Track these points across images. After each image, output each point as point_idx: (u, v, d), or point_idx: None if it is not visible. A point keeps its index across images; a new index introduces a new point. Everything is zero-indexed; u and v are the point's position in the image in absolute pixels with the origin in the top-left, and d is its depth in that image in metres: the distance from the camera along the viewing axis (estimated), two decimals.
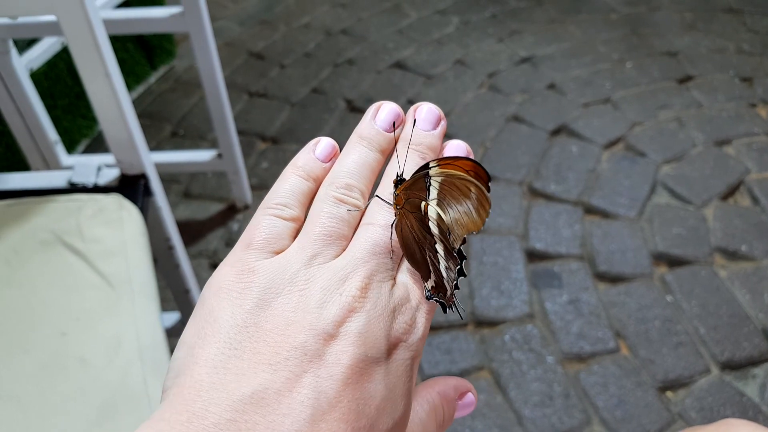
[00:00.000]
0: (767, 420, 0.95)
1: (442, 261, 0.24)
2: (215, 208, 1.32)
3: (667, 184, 1.33)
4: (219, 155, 1.20)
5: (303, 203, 0.24)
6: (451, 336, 1.06)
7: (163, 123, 1.55)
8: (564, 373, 1.01)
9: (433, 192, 0.24)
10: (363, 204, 0.24)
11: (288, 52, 1.78)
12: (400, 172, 0.24)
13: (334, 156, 0.25)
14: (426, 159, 0.25)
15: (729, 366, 1.01)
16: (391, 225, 0.24)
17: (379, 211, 0.24)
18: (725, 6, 1.95)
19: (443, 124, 0.26)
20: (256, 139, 1.49)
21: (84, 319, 0.51)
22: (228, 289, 0.21)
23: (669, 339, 1.05)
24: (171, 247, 0.77)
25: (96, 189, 0.66)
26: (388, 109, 0.26)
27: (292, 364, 0.19)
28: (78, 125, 1.43)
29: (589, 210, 1.27)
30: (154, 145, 1.48)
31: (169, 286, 0.84)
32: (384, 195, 0.24)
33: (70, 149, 1.40)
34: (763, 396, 0.98)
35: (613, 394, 0.98)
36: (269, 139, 1.49)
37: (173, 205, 1.32)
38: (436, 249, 0.24)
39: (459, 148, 0.26)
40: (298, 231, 0.23)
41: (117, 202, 0.62)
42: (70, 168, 0.83)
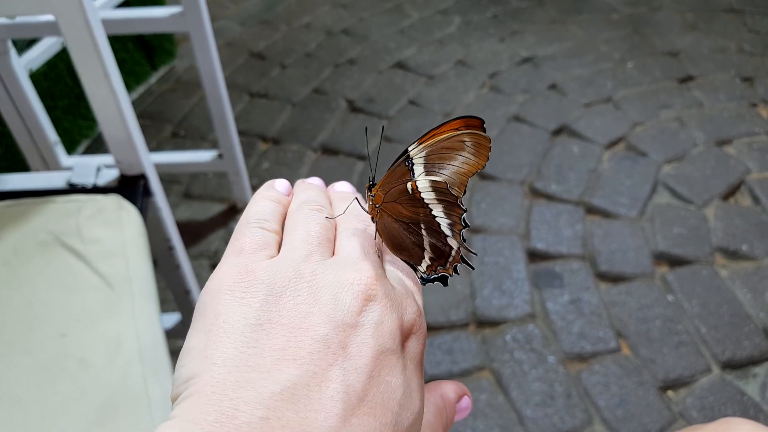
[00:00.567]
0: None
1: (443, 221, 0.24)
2: (216, 208, 1.32)
3: (668, 183, 1.32)
4: (220, 156, 1.20)
5: (279, 221, 0.25)
6: (453, 336, 1.06)
7: (164, 123, 1.55)
8: (565, 373, 1.00)
9: (419, 168, 0.25)
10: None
11: (289, 52, 1.78)
12: (371, 176, 0.26)
13: (291, 193, 0.27)
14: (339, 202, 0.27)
15: (730, 365, 1.01)
16: (374, 223, 0.25)
17: (354, 218, 0.25)
18: (726, 6, 1.95)
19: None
20: (257, 140, 1.49)
21: (84, 320, 0.50)
22: (230, 290, 0.20)
23: (670, 338, 1.05)
24: (171, 248, 0.77)
25: (95, 189, 0.66)
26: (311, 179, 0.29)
27: (316, 357, 0.18)
28: (78, 126, 1.43)
29: (591, 210, 1.27)
30: (154, 146, 1.48)
31: (170, 286, 0.84)
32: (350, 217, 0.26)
33: (70, 150, 1.40)
34: (764, 395, 0.97)
35: (615, 393, 0.98)
36: (270, 140, 1.49)
37: (174, 206, 1.32)
38: (433, 216, 0.24)
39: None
40: (280, 243, 0.23)
41: (116, 202, 0.61)
42: (69, 169, 0.83)
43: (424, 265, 0.26)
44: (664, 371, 1.00)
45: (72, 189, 0.66)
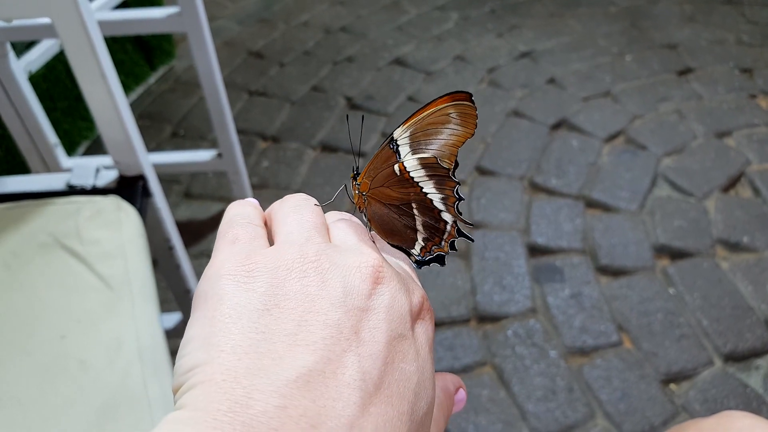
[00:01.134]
0: None
1: (435, 196, 0.24)
2: (216, 208, 1.32)
3: (668, 176, 1.32)
4: (219, 155, 1.20)
5: (263, 221, 0.24)
6: (454, 332, 1.06)
7: (163, 123, 1.55)
8: (567, 368, 1.01)
9: (405, 149, 0.24)
10: None
11: (287, 50, 1.78)
12: (355, 166, 0.25)
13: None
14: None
15: (732, 358, 1.01)
16: (362, 213, 0.25)
17: (339, 213, 0.24)
18: None
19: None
20: (256, 139, 1.49)
21: (84, 321, 0.51)
22: (232, 275, 0.19)
23: (672, 332, 1.05)
24: (171, 248, 0.77)
25: (94, 191, 0.66)
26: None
27: (329, 342, 0.17)
28: (78, 127, 1.43)
29: (591, 204, 1.27)
30: (154, 146, 1.48)
31: (170, 286, 0.85)
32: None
33: (70, 151, 1.40)
34: (767, 387, 0.97)
35: (617, 387, 0.98)
36: (269, 138, 1.49)
37: (174, 206, 1.32)
38: (425, 193, 0.24)
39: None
40: (268, 240, 0.22)
41: (115, 203, 0.62)
42: (69, 170, 0.84)
43: (417, 248, 0.25)
44: (666, 364, 1.00)
45: (71, 190, 0.66)
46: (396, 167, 0.24)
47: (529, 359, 1.02)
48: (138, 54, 1.61)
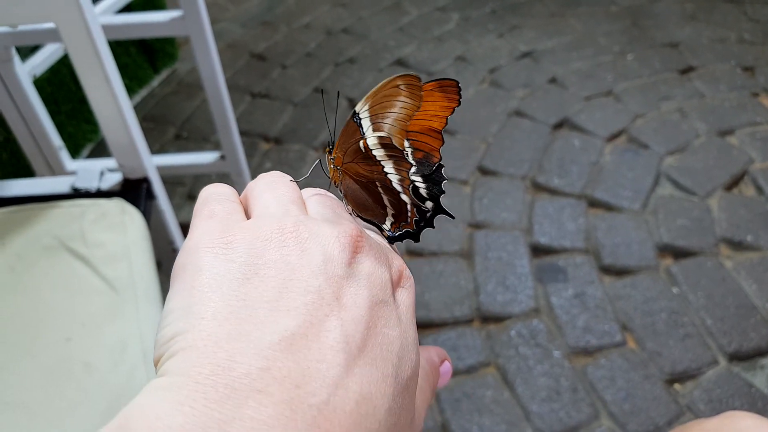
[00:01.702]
0: None
1: (394, 177, 0.25)
2: None
3: (671, 175, 1.32)
4: (222, 157, 1.20)
5: (238, 198, 0.23)
6: (457, 332, 1.06)
7: (167, 126, 1.55)
8: (571, 368, 1.01)
9: (366, 123, 0.25)
10: None
11: (289, 52, 1.79)
12: (330, 140, 0.26)
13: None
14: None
15: (737, 357, 1.01)
16: (336, 186, 0.25)
17: (314, 189, 0.25)
18: None
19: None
20: (259, 140, 1.49)
21: (88, 324, 0.51)
22: (210, 247, 0.19)
23: (676, 331, 1.05)
24: (175, 250, 0.78)
25: (99, 194, 0.67)
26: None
27: (311, 308, 0.17)
28: (82, 130, 1.44)
29: (593, 203, 1.27)
30: (157, 148, 1.48)
31: None
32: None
33: (74, 154, 1.40)
34: None
35: (621, 387, 0.98)
36: (272, 140, 1.49)
37: (178, 208, 1.33)
38: (385, 173, 0.25)
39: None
40: (245, 217, 0.22)
41: (119, 206, 0.62)
42: (73, 173, 0.84)
43: (388, 223, 0.26)
44: (670, 364, 1.00)
45: (76, 194, 0.67)
46: (361, 143, 0.25)
47: (533, 359, 1.02)
48: (141, 57, 1.61)
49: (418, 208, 0.25)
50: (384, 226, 0.25)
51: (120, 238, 0.58)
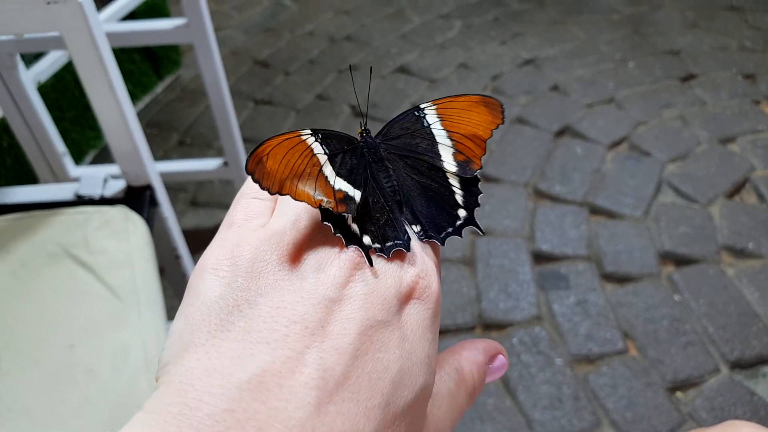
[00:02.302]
0: None
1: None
2: (222, 215, 1.33)
3: (673, 183, 1.32)
4: (225, 163, 1.20)
5: None
6: (459, 339, 1.06)
7: (170, 132, 1.56)
8: (573, 375, 1.01)
9: (432, 117, 0.25)
10: None
11: (292, 59, 1.80)
12: (364, 122, 0.26)
13: None
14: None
15: (739, 365, 1.01)
16: None
17: None
18: (727, 3, 1.95)
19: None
20: None
21: (91, 330, 0.51)
22: (214, 268, 0.19)
23: (678, 339, 1.05)
24: (178, 257, 0.78)
25: (102, 201, 0.67)
26: None
27: (292, 340, 0.17)
28: (86, 136, 1.44)
29: (595, 210, 1.27)
30: (161, 154, 1.49)
31: (177, 294, 0.85)
32: None
33: (78, 160, 1.41)
34: None
35: (623, 395, 0.98)
36: None
37: (181, 214, 1.33)
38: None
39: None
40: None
41: (123, 213, 0.62)
42: (77, 180, 0.85)
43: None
44: (672, 372, 1.00)
45: (80, 201, 0.67)
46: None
47: (535, 367, 1.02)
48: (145, 63, 1.62)
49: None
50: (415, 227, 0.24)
51: (123, 245, 0.58)
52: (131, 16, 1.38)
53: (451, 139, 0.25)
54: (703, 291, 1.11)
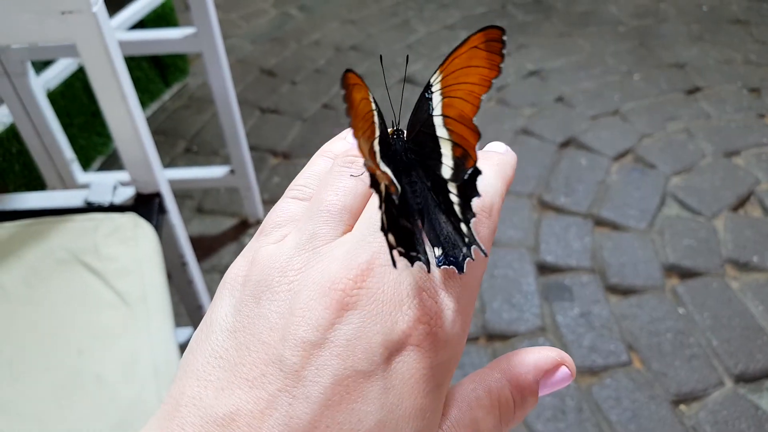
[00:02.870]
0: None
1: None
2: (228, 223, 1.34)
3: (677, 195, 1.33)
4: (231, 171, 1.21)
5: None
6: (463, 350, 1.06)
7: (177, 139, 1.57)
8: (576, 387, 1.00)
9: (437, 97, 0.21)
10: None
11: (299, 68, 1.81)
12: (396, 121, 0.22)
13: None
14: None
15: (743, 379, 1.01)
16: None
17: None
18: (732, 17, 1.95)
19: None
20: (267, 155, 1.50)
21: (100, 337, 0.52)
22: (230, 284, 0.19)
23: (682, 351, 1.04)
24: (184, 264, 0.78)
25: (112, 208, 0.68)
26: None
27: (268, 380, 0.16)
28: (93, 143, 1.45)
29: (600, 222, 1.28)
30: (168, 162, 1.50)
31: (183, 301, 0.86)
32: None
33: (85, 166, 1.42)
34: None
35: (627, 407, 0.97)
36: (281, 155, 1.50)
37: (186, 221, 1.34)
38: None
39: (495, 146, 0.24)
40: None
41: (132, 220, 0.63)
42: (86, 186, 0.85)
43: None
44: (676, 385, 1.00)
45: (89, 207, 0.68)
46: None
47: None
48: (153, 71, 1.63)
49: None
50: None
51: (132, 252, 0.59)
52: (140, 24, 1.39)
53: (447, 128, 0.21)
54: (708, 304, 1.11)
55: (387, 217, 0.17)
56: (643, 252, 1.21)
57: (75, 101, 1.36)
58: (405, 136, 0.22)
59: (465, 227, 0.19)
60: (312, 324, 0.17)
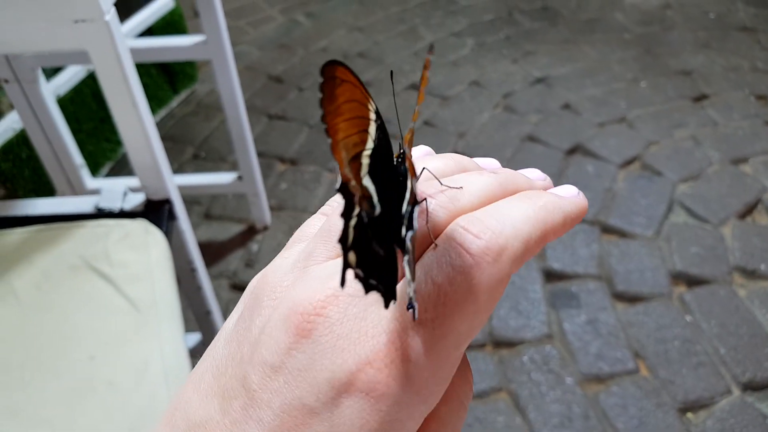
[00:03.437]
0: None
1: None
2: (235, 229, 1.34)
3: (684, 202, 1.32)
4: (239, 177, 1.22)
5: None
6: (470, 357, 1.06)
7: (185, 146, 1.58)
8: (583, 395, 1.00)
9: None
10: None
11: (306, 75, 1.82)
12: (402, 145, 0.20)
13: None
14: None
15: (750, 387, 1.00)
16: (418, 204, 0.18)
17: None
18: (739, 24, 1.95)
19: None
20: (275, 161, 1.51)
21: (111, 343, 0.52)
22: (244, 293, 0.19)
23: (689, 359, 1.04)
24: (193, 270, 0.79)
25: (122, 214, 0.68)
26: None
27: (235, 395, 0.16)
28: (102, 148, 1.46)
29: (607, 229, 1.27)
30: (176, 168, 1.51)
31: (191, 307, 0.86)
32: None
33: (94, 172, 1.43)
34: None
35: (633, 415, 0.97)
36: (288, 161, 1.51)
37: (194, 227, 1.34)
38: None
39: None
40: None
41: (143, 227, 0.63)
42: (95, 192, 0.86)
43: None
44: (683, 393, 1.00)
45: (100, 213, 0.68)
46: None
47: (545, 385, 1.02)
48: (162, 78, 1.65)
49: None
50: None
51: (143, 258, 0.59)
52: (148, 32, 1.41)
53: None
54: (715, 312, 1.11)
55: (355, 234, 0.15)
56: (650, 259, 1.20)
57: (84, 107, 1.37)
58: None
59: (408, 271, 0.15)
60: (273, 347, 0.16)
